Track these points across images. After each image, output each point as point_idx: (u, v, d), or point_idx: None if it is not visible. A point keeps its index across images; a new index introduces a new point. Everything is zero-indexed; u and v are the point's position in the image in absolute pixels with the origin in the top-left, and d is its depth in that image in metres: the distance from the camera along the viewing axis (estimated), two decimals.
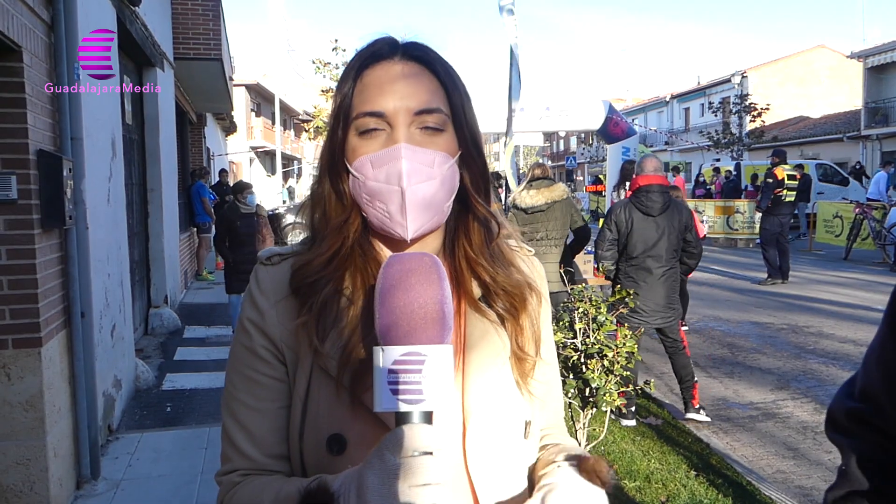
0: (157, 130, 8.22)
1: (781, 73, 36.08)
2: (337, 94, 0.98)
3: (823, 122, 31.74)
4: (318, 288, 0.95)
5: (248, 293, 1.00)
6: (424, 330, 0.79)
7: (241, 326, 1.00)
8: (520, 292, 1.02)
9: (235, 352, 1.01)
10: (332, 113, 0.99)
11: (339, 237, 0.98)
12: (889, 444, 0.91)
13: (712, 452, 4.52)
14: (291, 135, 44.27)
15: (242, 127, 31.48)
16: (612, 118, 21.04)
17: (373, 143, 0.94)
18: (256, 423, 0.97)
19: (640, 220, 5.12)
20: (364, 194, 0.95)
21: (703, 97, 38.26)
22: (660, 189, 5.15)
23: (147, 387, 6.12)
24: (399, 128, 0.93)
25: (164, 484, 4.15)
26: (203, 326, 8.63)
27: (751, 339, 7.83)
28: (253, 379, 0.98)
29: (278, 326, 0.96)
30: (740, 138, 24.28)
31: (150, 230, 8.29)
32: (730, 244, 18.00)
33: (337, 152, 0.98)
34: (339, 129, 0.97)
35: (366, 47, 0.99)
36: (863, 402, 0.94)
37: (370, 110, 0.94)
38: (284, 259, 1.01)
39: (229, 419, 0.99)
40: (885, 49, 26.38)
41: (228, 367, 1.02)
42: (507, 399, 0.98)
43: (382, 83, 0.95)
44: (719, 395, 5.91)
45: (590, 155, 42.32)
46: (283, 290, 0.98)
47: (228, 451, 0.99)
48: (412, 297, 0.80)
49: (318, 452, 0.92)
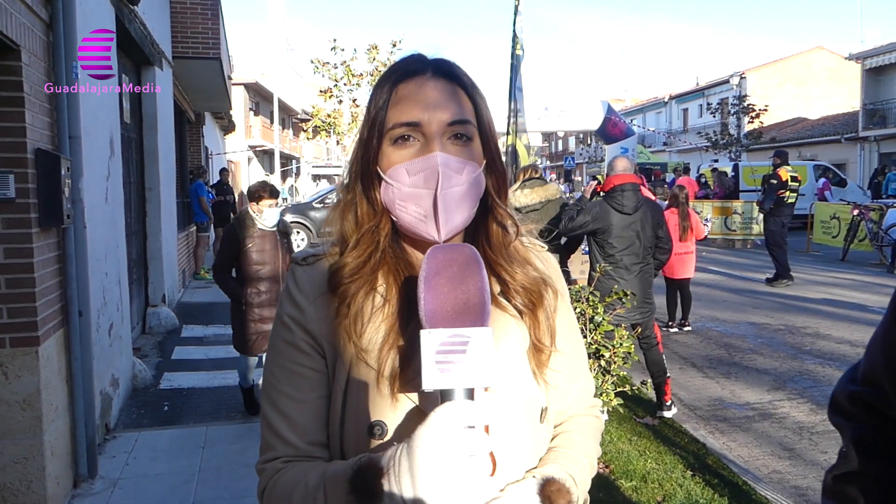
0: (156, 129, 8.22)
1: (780, 75, 36.12)
2: (371, 106, 1.06)
3: (822, 124, 31.78)
4: (354, 290, 1.02)
5: (287, 292, 1.08)
6: (467, 314, 0.89)
7: (281, 322, 1.07)
8: (537, 289, 1.10)
9: (276, 346, 1.07)
10: (366, 124, 1.06)
11: (372, 241, 1.06)
12: (888, 427, 0.94)
13: (709, 452, 4.53)
14: (290, 134, 44.23)
15: (241, 126, 31.44)
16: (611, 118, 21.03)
17: (407, 152, 1.03)
18: (299, 412, 1.03)
19: (615, 218, 5.20)
20: (398, 200, 1.03)
21: (701, 98, 38.28)
22: (633, 188, 5.24)
23: (144, 386, 6.12)
24: (434, 137, 1.02)
25: (161, 483, 4.15)
26: (201, 325, 8.63)
27: (748, 339, 7.85)
28: (295, 371, 1.05)
29: (318, 322, 1.04)
30: (738, 139, 24.29)
31: (148, 229, 8.29)
32: (727, 245, 18.02)
33: (371, 161, 1.05)
34: (373, 139, 1.04)
35: (399, 63, 1.09)
36: (865, 385, 0.98)
37: (407, 121, 1.02)
38: (318, 259, 1.09)
39: (271, 410, 1.05)
40: (884, 51, 26.43)
41: (268, 361, 1.09)
42: (526, 387, 1.06)
43: (417, 96, 1.03)
44: (716, 395, 5.92)
45: (588, 155, 42.29)
46: (320, 288, 1.05)
47: (271, 440, 1.05)
48: (456, 284, 0.90)
49: (359, 438, 0.99)
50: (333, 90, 15.54)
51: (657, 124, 43.72)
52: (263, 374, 1.11)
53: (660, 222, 5.34)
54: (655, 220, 5.30)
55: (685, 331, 8.14)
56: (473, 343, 0.87)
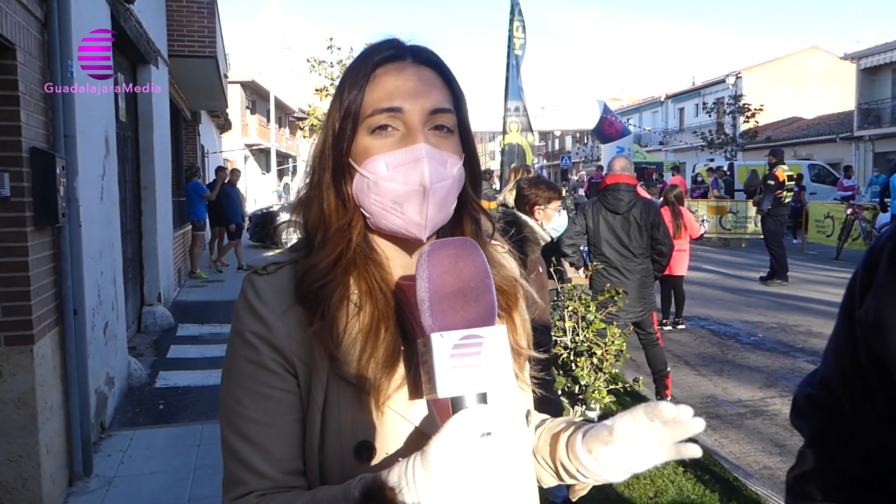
0: (152, 128, 8.22)
1: (775, 74, 36.20)
2: (345, 92, 0.96)
3: (817, 123, 31.87)
4: (327, 294, 0.92)
5: (247, 304, 0.94)
6: (478, 313, 0.81)
7: (243, 340, 0.94)
8: (513, 291, 1.05)
9: (237, 367, 0.94)
10: (337, 110, 0.97)
11: (342, 240, 0.96)
12: (842, 428, 0.99)
13: (701, 448, 4.57)
14: (286, 132, 44.22)
15: (237, 124, 31.44)
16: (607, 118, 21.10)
17: (386, 142, 0.94)
18: (271, 439, 0.92)
19: (606, 217, 5.26)
20: (374, 194, 0.94)
21: (697, 97, 38.35)
22: (627, 188, 5.30)
23: (140, 384, 6.13)
24: (416, 127, 0.94)
25: (156, 481, 4.17)
26: (196, 324, 8.64)
27: (741, 337, 7.89)
28: (263, 394, 0.92)
29: (287, 338, 0.92)
30: (734, 139, 24.38)
31: (144, 228, 8.29)
32: (722, 244, 18.08)
33: (343, 152, 0.96)
34: (346, 127, 0.95)
35: (377, 47, 0.99)
36: (821, 389, 1.03)
37: (387, 106, 0.93)
38: (280, 267, 0.97)
39: (238, 439, 0.93)
40: (879, 51, 26.51)
41: (229, 384, 0.95)
42: (512, 391, 1.01)
43: (397, 82, 0.95)
44: (708, 392, 5.96)
45: (584, 154, 42.39)
46: (286, 300, 0.94)
47: (240, 473, 0.92)
48: (464, 282, 0.82)
49: (344, 461, 0.90)
50: (330, 89, 15.54)
51: (653, 124, 43.80)
52: (222, 400, 0.96)
53: (656, 222, 5.33)
54: (651, 220, 5.31)
55: (679, 329, 8.18)
56: (487, 343, 0.80)
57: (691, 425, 0.84)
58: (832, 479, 1.02)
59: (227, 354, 0.97)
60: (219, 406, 0.98)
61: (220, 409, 0.97)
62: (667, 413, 0.81)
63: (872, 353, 0.95)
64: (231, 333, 0.97)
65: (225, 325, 8.55)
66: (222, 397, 0.96)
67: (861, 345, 0.96)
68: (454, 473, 0.76)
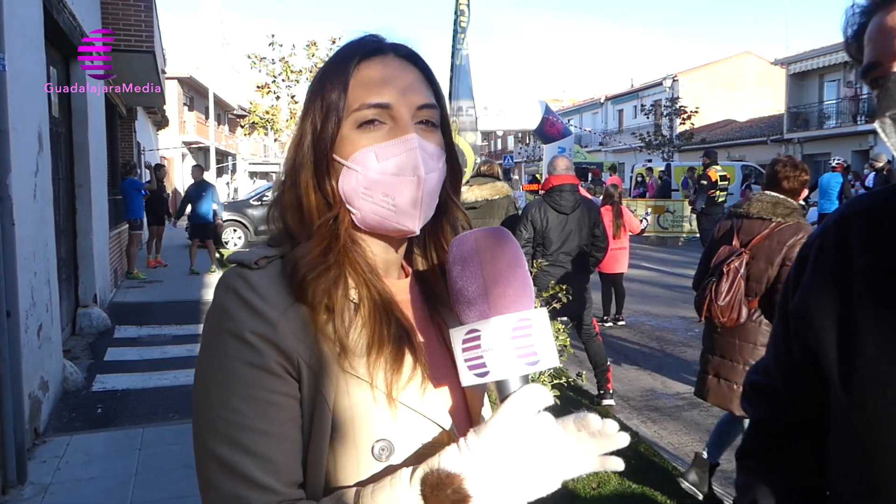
0: (86, 124, 7.97)
1: (710, 78, 37.38)
2: (328, 86, 0.94)
3: (749, 126, 33.04)
4: (323, 285, 0.88)
5: (241, 301, 0.87)
6: (525, 297, 0.84)
7: (241, 341, 0.85)
8: None
9: (234, 372, 0.85)
10: (319, 106, 0.94)
11: (328, 235, 0.92)
12: (780, 411, 1.12)
13: (641, 440, 4.71)
14: (226, 130, 43.34)
15: (175, 121, 30.66)
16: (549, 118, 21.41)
17: (373, 136, 0.92)
18: (276, 449, 0.85)
19: (553, 217, 5.40)
20: (363, 188, 0.92)
21: (636, 99, 39.29)
22: (571, 188, 5.46)
23: (76, 388, 5.95)
24: (406, 120, 0.93)
25: (96, 486, 4.06)
26: (135, 326, 8.42)
27: (678, 332, 8.15)
28: (267, 400, 0.85)
29: (292, 338, 0.86)
30: (671, 140, 25.06)
31: (79, 227, 8.03)
32: (661, 242, 18.58)
33: (327, 147, 0.93)
34: (330, 122, 0.93)
35: (359, 42, 0.97)
36: (764, 376, 1.15)
37: (376, 102, 0.92)
38: (272, 260, 0.91)
39: (235, 452, 0.84)
40: (806, 57, 27.67)
41: (220, 391, 0.86)
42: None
43: (384, 76, 0.94)
44: (648, 386, 6.14)
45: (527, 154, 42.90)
46: (286, 297, 0.88)
47: (240, 490, 0.83)
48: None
49: (360, 461, 0.87)
50: (271, 86, 15.34)
51: (593, 125, 44.66)
52: (206, 410, 0.86)
53: (597, 221, 5.56)
54: (592, 219, 5.50)
55: (619, 325, 8.39)
56: (535, 324, 0.82)
57: (616, 439, 0.84)
58: (773, 456, 1.13)
59: (209, 359, 0.88)
60: (198, 418, 0.87)
61: (204, 422, 0.86)
62: (594, 425, 0.82)
63: (803, 344, 1.05)
64: (215, 334, 0.87)
65: (164, 327, 8.37)
66: (208, 407, 0.86)
67: (793, 336, 1.07)
68: (517, 448, 0.78)
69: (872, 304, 0.95)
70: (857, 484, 0.97)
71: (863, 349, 0.95)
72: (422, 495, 0.78)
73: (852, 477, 0.98)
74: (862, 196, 1.09)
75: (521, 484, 0.79)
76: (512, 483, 0.79)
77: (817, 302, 1.02)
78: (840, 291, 0.99)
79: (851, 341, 0.96)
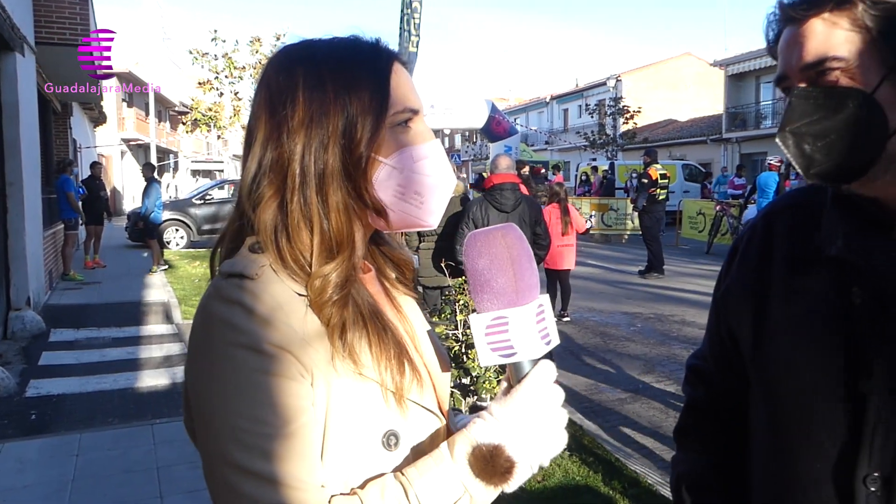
0: (17, 120, 7.68)
1: (653, 78, 38.22)
2: (363, 85, 0.93)
3: (690, 126, 33.94)
4: (343, 302, 0.91)
5: (251, 314, 0.86)
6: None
7: (259, 353, 0.85)
8: (411, 267, 1.14)
9: (257, 383, 0.84)
10: (359, 106, 0.93)
11: (352, 250, 0.94)
12: (711, 394, 1.21)
13: (585, 433, 4.80)
14: (167, 127, 42.28)
15: (113, 118, 29.74)
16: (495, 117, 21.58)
17: (408, 138, 0.96)
18: (307, 451, 0.86)
19: (494, 215, 5.47)
20: (397, 185, 0.95)
21: (580, 99, 39.86)
22: (512, 186, 5.52)
23: (8, 394, 5.73)
24: (426, 125, 0.99)
25: (31, 494, 3.93)
26: (71, 329, 8.16)
27: (621, 327, 8.33)
28: (291, 406, 0.85)
29: (307, 346, 0.87)
30: (615, 139, 25.52)
31: (10, 227, 7.73)
32: (605, 240, 18.94)
33: (367, 147, 0.93)
34: (373, 122, 0.93)
35: (378, 47, 0.99)
36: (700, 361, 1.25)
37: (412, 106, 0.97)
38: (263, 268, 0.90)
39: (271, 462, 0.83)
40: (744, 59, 28.56)
41: (244, 404, 0.84)
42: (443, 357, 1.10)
43: (409, 82, 0.99)
44: (592, 380, 6.26)
45: (474, 153, 43.09)
46: (296, 307, 0.89)
47: (286, 498, 0.83)
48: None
49: (368, 453, 0.90)
50: (214, 82, 15.04)
51: (539, 124, 45.18)
52: (230, 426, 0.84)
53: (538, 219, 5.60)
54: (533, 217, 5.55)
55: (564, 321, 8.52)
56: (547, 309, 0.94)
57: None
58: (701, 435, 1.22)
59: (221, 373, 0.86)
60: (218, 435, 0.85)
61: (227, 438, 0.84)
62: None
63: (728, 328, 1.13)
64: (223, 349, 0.86)
65: (104, 330, 8.14)
66: (229, 422, 0.84)
67: (721, 321, 1.15)
68: (540, 415, 0.89)
69: (784, 290, 1.02)
70: (767, 459, 1.05)
71: (773, 331, 1.02)
72: (471, 467, 0.87)
73: (761, 452, 1.06)
74: (788, 192, 1.16)
75: (544, 444, 0.90)
76: (539, 444, 0.89)
77: (739, 288, 1.11)
78: (760, 278, 1.06)
79: (763, 324, 1.04)
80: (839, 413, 0.92)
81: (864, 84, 0.89)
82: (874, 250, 0.93)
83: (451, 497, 0.87)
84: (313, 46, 0.98)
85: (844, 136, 0.89)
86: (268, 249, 0.92)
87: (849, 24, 0.90)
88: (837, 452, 0.93)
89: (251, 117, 0.99)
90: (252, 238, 0.94)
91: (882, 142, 0.89)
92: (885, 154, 0.89)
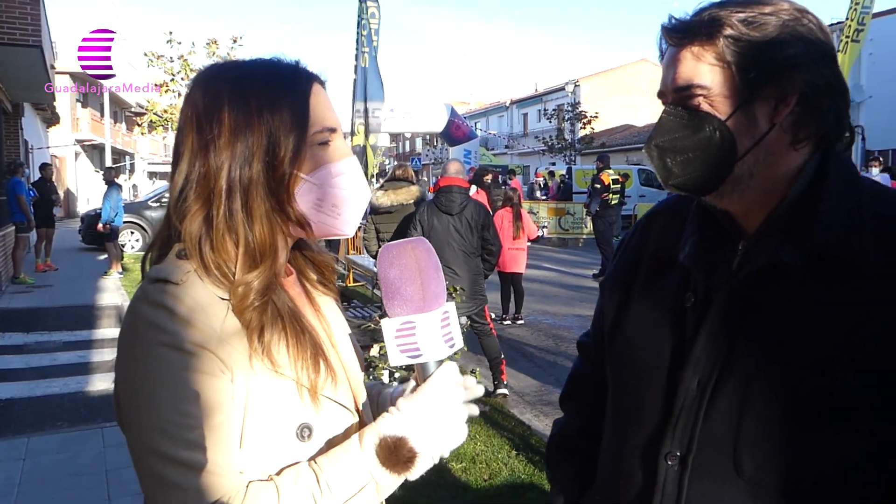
0: None
1: (609, 84, 38.84)
2: (284, 105, 1.01)
3: (646, 131, 34.46)
4: (262, 306, 1.00)
5: (174, 316, 0.94)
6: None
7: (181, 351, 0.92)
8: (332, 268, 1.22)
9: (181, 381, 0.92)
10: (280, 126, 1.00)
11: (273, 258, 1.02)
12: (589, 366, 1.37)
13: (533, 433, 4.94)
14: (123, 128, 41.47)
15: (66, 118, 29.09)
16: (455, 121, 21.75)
17: (328, 155, 1.05)
18: (227, 441, 0.94)
19: (439, 218, 5.55)
20: (317, 201, 1.04)
21: (540, 103, 40.33)
22: (459, 190, 5.64)
23: None
24: (344, 142, 1.09)
25: None
26: (21, 333, 8.03)
27: (573, 330, 8.50)
28: (212, 400, 0.93)
29: (226, 345, 0.95)
30: (572, 144, 25.92)
31: None
32: (562, 243, 19.23)
33: (290, 165, 1.00)
34: (294, 141, 1.00)
35: (297, 69, 1.06)
36: (586, 338, 1.41)
37: (330, 126, 1.05)
38: (188, 274, 0.98)
39: (196, 451, 0.91)
40: None
41: (170, 399, 0.92)
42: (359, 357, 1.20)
43: (328, 102, 1.08)
44: (542, 382, 6.42)
45: (434, 156, 43.25)
46: (217, 309, 0.97)
47: (208, 481, 0.91)
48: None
49: (283, 444, 0.98)
50: (170, 84, 14.89)
51: (499, 128, 45.54)
52: (154, 420, 0.92)
53: (486, 223, 5.68)
54: (482, 221, 5.64)
55: (518, 324, 8.68)
56: (452, 316, 1.04)
57: (475, 390, 1.08)
58: (576, 402, 1.40)
59: (146, 372, 0.94)
60: (146, 428, 0.93)
61: (154, 431, 0.92)
62: (467, 382, 1.08)
63: (601, 312, 1.33)
64: (147, 348, 0.93)
65: (55, 333, 8.02)
66: (156, 416, 0.92)
67: (598, 305, 1.34)
68: (442, 410, 1.00)
69: (644, 286, 1.18)
70: (609, 427, 1.23)
71: (626, 320, 1.18)
72: (378, 457, 0.97)
73: (608, 420, 1.23)
74: (670, 196, 1.27)
75: (445, 437, 1.01)
76: (440, 437, 1.00)
77: (613, 279, 1.27)
78: (630, 272, 1.21)
79: (622, 314, 1.19)
80: (659, 397, 1.07)
81: (722, 112, 1.03)
82: (717, 259, 1.07)
83: (358, 483, 0.97)
84: (238, 68, 1.07)
85: (699, 155, 1.03)
86: (192, 257, 0.99)
87: (713, 58, 1.03)
88: (652, 431, 1.08)
89: (178, 133, 1.05)
90: (179, 245, 1.01)
91: (731, 164, 1.02)
92: (732, 175, 1.03)
